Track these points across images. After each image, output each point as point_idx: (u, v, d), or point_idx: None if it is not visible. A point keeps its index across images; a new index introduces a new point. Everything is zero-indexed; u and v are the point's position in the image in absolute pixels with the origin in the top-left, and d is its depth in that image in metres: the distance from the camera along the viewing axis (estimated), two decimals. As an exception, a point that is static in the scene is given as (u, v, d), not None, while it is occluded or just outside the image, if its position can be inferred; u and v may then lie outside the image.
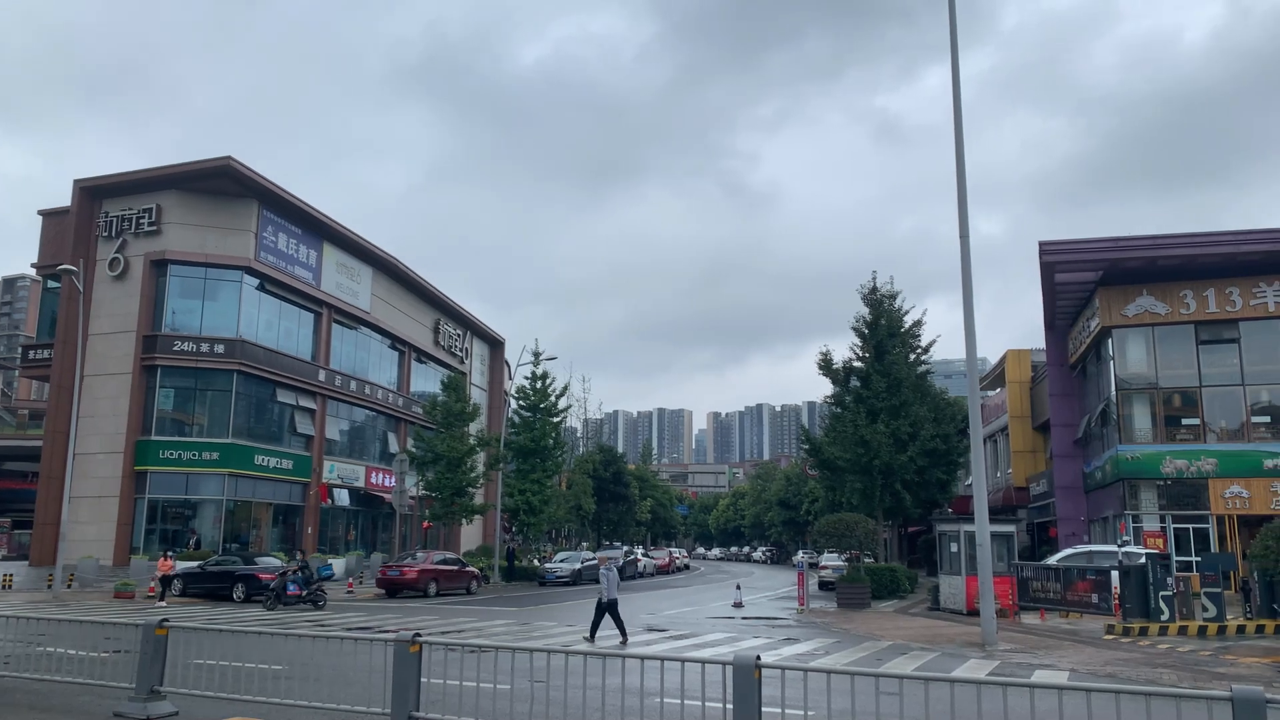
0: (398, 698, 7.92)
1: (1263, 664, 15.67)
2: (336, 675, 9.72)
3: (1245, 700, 5.60)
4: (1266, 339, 33.90)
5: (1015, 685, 7.04)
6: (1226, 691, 5.73)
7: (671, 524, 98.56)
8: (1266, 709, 5.59)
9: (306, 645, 9.43)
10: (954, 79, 20.04)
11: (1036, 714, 6.56)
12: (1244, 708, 5.58)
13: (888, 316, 39.84)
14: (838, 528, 29.30)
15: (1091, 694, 6.38)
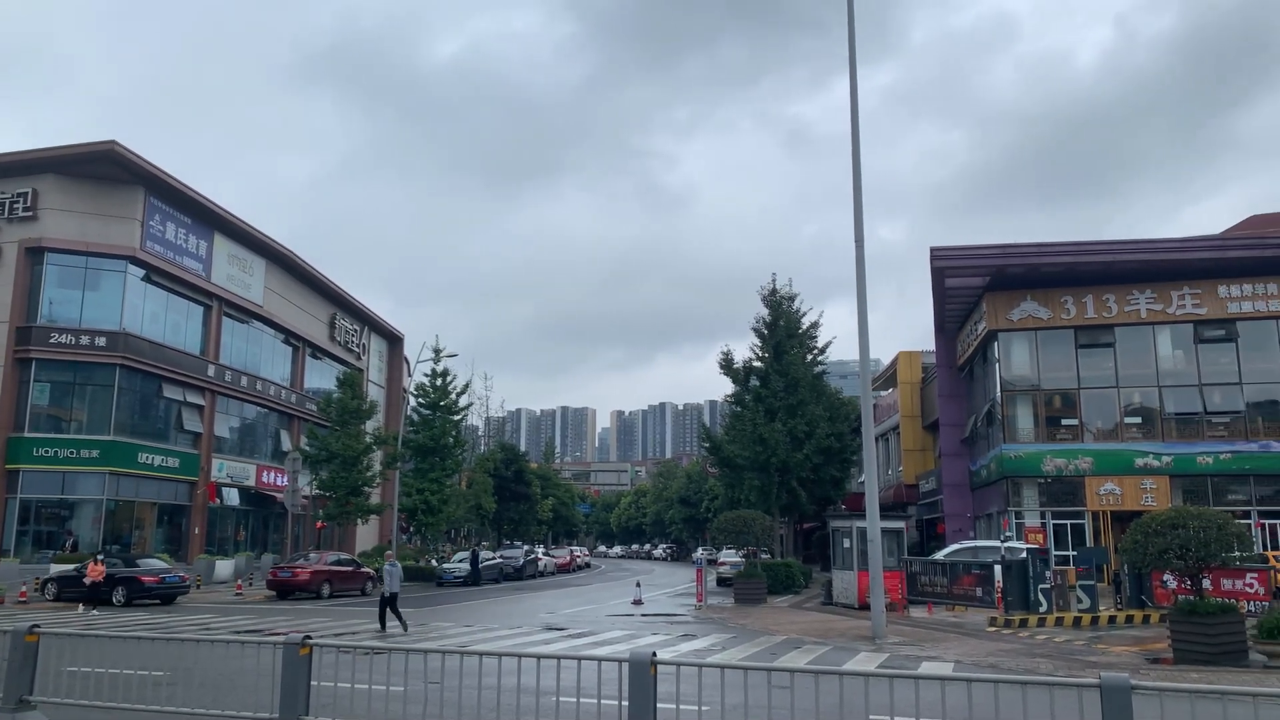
0: (286, 701, 7.71)
1: (1131, 652, 16.55)
2: (222, 680, 9.41)
3: (1112, 687, 5.92)
4: (1139, 344, 35.81)
5: (901, 677, 7.29)
6: (1095, 679, 6.04)
7: (573, 523, 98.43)
8: (1131, 695, 5.92)
9: (190, 650, 9.11)
10: (852, 89, 20.56)
11: (921, 705, 6.79)
12: (1111, 694, 5.91)
13: (786, 318, 40.69)
14: (736, 525, 29.73)
15: (972, 684, 6.64)
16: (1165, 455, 34.41)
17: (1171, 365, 35.56)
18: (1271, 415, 34.32)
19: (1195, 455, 34.19)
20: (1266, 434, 34.06)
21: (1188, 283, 35.13)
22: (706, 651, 16.67)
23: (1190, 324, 35.25)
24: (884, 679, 7.24)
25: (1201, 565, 15.55)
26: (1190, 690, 7.09)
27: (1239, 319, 34.77)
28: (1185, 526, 15.19)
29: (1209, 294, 34.95)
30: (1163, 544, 15.34)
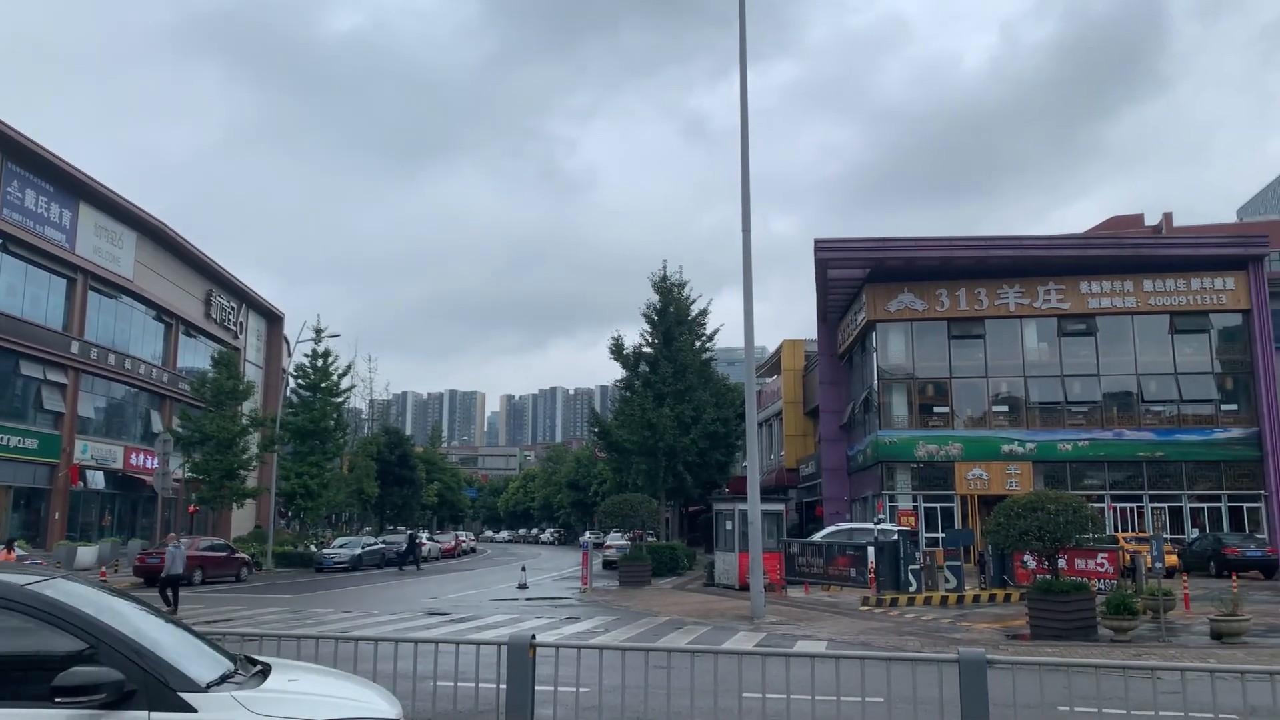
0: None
1: (992, 629, 17.45)
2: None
3: (969, 661, 6.27)
4: (1007, 336, 37.60)
5: (774, 655, 7.54)
6: (955, 655, 6.38)
7: (459, 507, 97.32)
8: (987, 669, 6.28)
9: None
10: (742, 82, 20.89)
11: (793, 681, 7.04)
12: (968, 668, 6.25)
13: (677, 305, 41.11)
14: (623, 508, 29.97)
15: (840, 661, 6.92)
16: (1029, 442, 36.28)
17: (1036, 357, 37.48)
18: (1125, 406, 36.57)
19: (1056, 442, 36.17)
20: (1120, 423, 36.29)
21: (1053, 279, 37.03)
22: (589, 634, 16.80)
23: (1054, 318, 37.20)
24: (758, 657, 7.48)
25: (1058, 546, 16.50)
26: (1039, 663, 7.56)
27: (1098, 314, 36.88)
28: (1044, 510, 16.08)
29: (1072, 290, 36.92)
30: (1023, 526, 16.20)
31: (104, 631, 4.01)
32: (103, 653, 3.90)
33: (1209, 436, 35.61)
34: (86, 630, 3.98)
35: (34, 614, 3.98)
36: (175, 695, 3.90)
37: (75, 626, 3.98)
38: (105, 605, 4.35)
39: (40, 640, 4.02)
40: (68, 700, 3.71)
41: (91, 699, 3.72)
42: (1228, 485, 35.31)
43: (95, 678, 3.74)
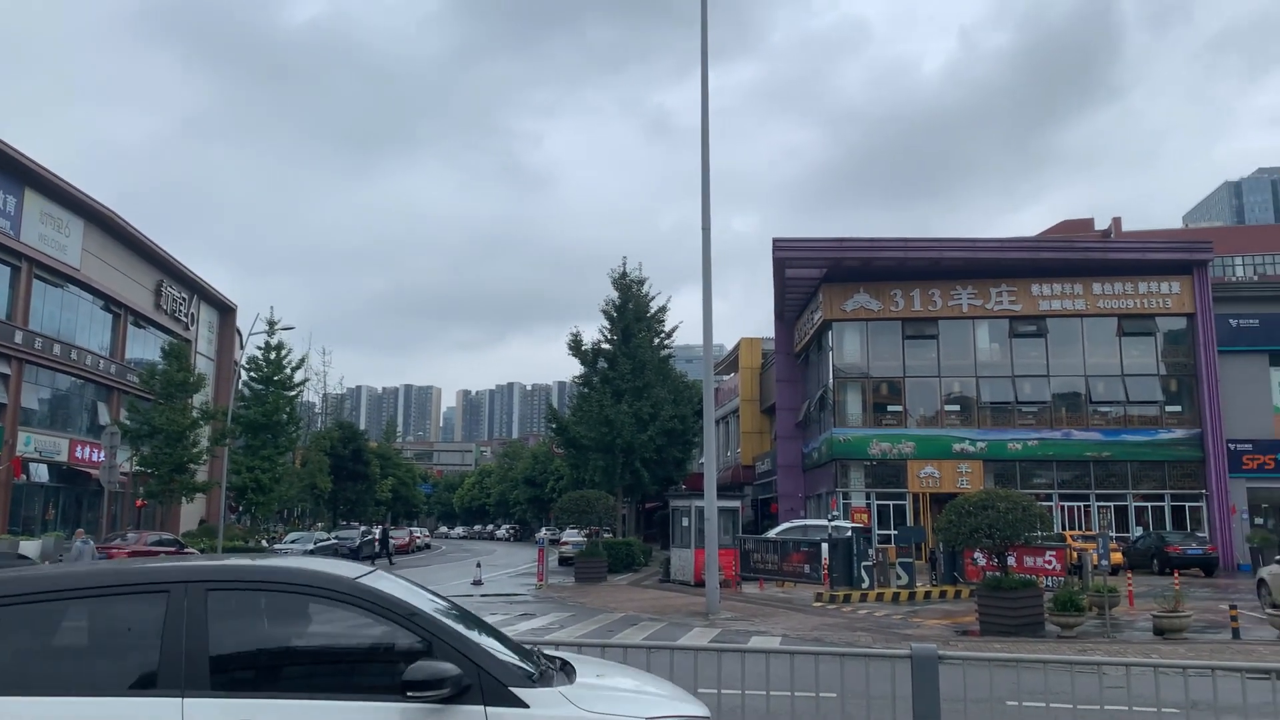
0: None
1: (943, 625, 17.71)
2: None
3: (922, 657, 6.36)
4: (959, 336, 38.15)
5: (729, 651, 7.58)
6: (907, 651, 6.47)
7: (414, 503, 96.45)
8: (939, 664, 6.38)
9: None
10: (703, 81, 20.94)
11: (747, 677, 7.08)
12: (920, 664, 6.34)
13: (636, 301, 41.15)
14: (579, 504, 29.94)
15: (795, 656, 6.98)
16: (980, 441, 36.86)
17: (988, 357, 38.07)
18: (1074, 406, 37.29)
19: (1006, 441, 36.78)
20: (1069, 423, 37.00)
21: (1005, 281, 37.63)
22: (544, 630, 16.77)
23: (1006, 319, 37.81)
24: (713, 653, 7.52)
25: (1007, 544, 16.80)
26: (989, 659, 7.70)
27: (1049, 316, 37.55)
28: (994, 508, 16.36)
29: (1023, 292, 37.55)
30: (974, 524, 16.47)
31: (437, 626, 4.03)
32: (437, 647, 3.91)
33: (1153, 437, 36.45)
34: (421, 624, 4.00)
35: (371, 608, 4.00)
36: (508, 691, 3.89)
37: (410, 621, 4.00)
38: (424, 599, 4.38)
39: (377, 634, 4.06)
40: (418, 694, 3.73)
41: (437, 693, 3.74)
42: (1171, 485, 36.17)
43: (440, 672, 3.75)
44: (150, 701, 3.70)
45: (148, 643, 3.84)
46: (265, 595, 4.11)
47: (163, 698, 3.70)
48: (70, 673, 3.86)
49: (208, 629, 3.85)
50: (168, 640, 3.81)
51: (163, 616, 3.85)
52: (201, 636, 3.82)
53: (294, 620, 4.15)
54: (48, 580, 4.09)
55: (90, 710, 3.67)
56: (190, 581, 3.97)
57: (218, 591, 3.98)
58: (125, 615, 3.97)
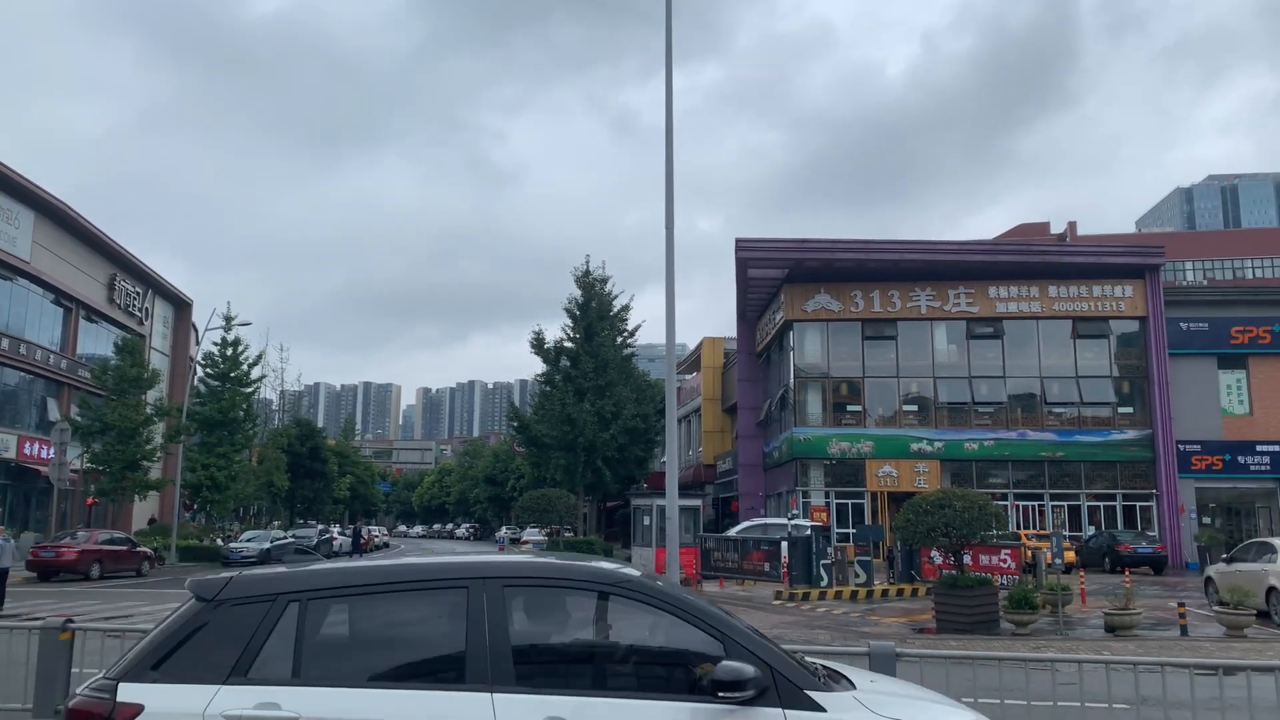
0: (42, 691, 7.14)
1: (900, 623, 17.90)
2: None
3: (880, 655, 6.44)
4: (918, 337, 38.58)
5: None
6: (865, 648, 6.53)
7: (372, 501, 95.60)
8: (896, 661, 6.45)
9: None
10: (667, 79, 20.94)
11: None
12: (879, 661, 6.42)
13: (599, 300, 41.13)
14: (540, 503, 29.88)
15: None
16: (937, 441, 37.31)
17: (946, 359, 38.55)
18: (1029, 407, 37.88)
19: (963, 441, 37.27)
20: (1024, 424, 37.58)
21: (963, 283, 38.13)
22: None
23: (964, 321, 38.31)
24: (673, 651, 7.50)
25: (963, 542, 17.03)
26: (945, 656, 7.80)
27: (1005, 318, 38.10)
28: (950, 507, 16.57)
29: (981, 294, 38.07)
30: (931, 523, 16.67)
31: (729, 626, 3.99)
32: (730, 648, 3.88)
33: (1106, 438, 37.13)
34: (715, 625, 3.97)
35: (667, 608, 4.02)
36: (804, 694, 3.85)
37: (704, 621, 3.98)
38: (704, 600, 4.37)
39: (672, 634, 4.06)
40: (728, 695, 3.72)
41: (742, 694, 3.72)
42: (1122, 485, 36.88)
43: (744, 673, 3.72)
44: (462, 696, 3.77)
45: (452, 638, 3.94)
46: (561, 593, 4.19)
47: (473, 692, 3.77)
48: (380, 665, 3.95)
49: (508, 625, 3.92)
50: (471, 636, 3.88)
51: (464, 612, 3.94)
52: (503, 633, 3.89)
53: (589, 618, 4.21)
54: (351, 575, 4.20)
55: (406, 703, 3.75)
56: (488, 578, 4.04)
57: (515, 588, 4.05)
58: (427, 610, 4.09)
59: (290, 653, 3.87)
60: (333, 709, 3.72)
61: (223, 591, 4.00)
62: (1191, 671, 6.80)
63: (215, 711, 3.69)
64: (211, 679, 3.78)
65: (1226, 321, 37.04)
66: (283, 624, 3.91)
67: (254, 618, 3.92)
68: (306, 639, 3.91)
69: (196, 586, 4.07)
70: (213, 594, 3.99)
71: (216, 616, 3.94)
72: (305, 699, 3.73)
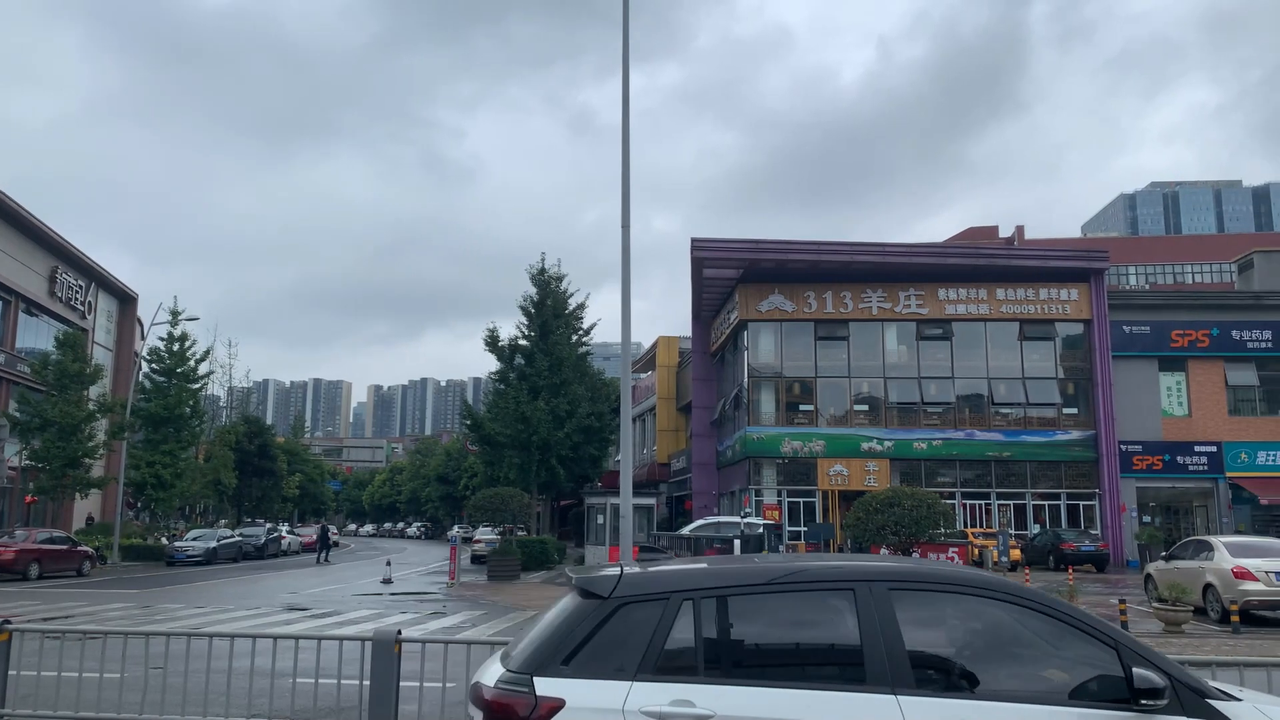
0: (-21, 695, 6.96)
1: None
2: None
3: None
4: (869, 338, 39.04)
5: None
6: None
7: (322, 500, 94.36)
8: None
9: None
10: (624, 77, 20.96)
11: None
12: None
13: (554, 298, 40.98)
14: (493, 502, 29.71)
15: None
16: (887, 440, 37.80)
17: (896, 359, 39.05)
18: (977, 407, 38.52)
19: (912, 441, 37.80)
20: (972, 424, 38.21)
21: (913, 285, 38.65)
22: (456, 629, 16.60)
23: (914, 322, 38.84)
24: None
25: (912, 540, 17.30)
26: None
27: (954, 320, 38.70)
28: (900, 505, 16.84)
29: (930, 296, 38.63)
30: (881, 521, 16.92)
31: (1122, 635, 3.96)
32: (1126, 656, 3.85)
33: (1051, 438, 37.89)
34: (1107, 634, 3.95)
35: (1055, 615, 4.02)
36: (1207, 704, 3.81)
37: (1096, 630, 3.97)
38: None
39: (1061, 641, 4.03)
40: (1149, 703, 3.74)
41: (1159, 702, 3.72)
42: (1067, 484, 37.66)
43: (1158, 681, 3.72)
44: (868, 697, 3.78)
45: (846, 639, 3.97)
46: (946, 596, 4.16)
47: (878, 694, 3.78)
48: (778, 664, 4.07)
49: (899, 628, 3.92)
50: (866, 637, 3.90)
51: (853, 614, 3.97)
52: (895, 635, 3.90)
53: (976, 623, 4.16)
54: (740, 575, 4.26)
55: (815, 702, 3.78)
56: (874, 580, 4.07)
57: (900, 591, 4.05)
58: (815, 611, 4.13)
59: (691, 651, 3.95)
60: (744, 707, 3.76)
61: (616, 590, 4.07)
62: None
63: (633, 707, 3.77)
64: (621, 675, 3.86)
65: (1167, 325, 37.99)
66: (680, 622, 3.97)
67: (651, 615, 3.99)
68: (704, 637, 3.98)
69: (588, 584, 4.15)
70: (607, 592, 4.06)
71: (614, 614, 4.01)
72: (716, 696, 3.79)
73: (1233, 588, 16.94)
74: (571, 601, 4.20)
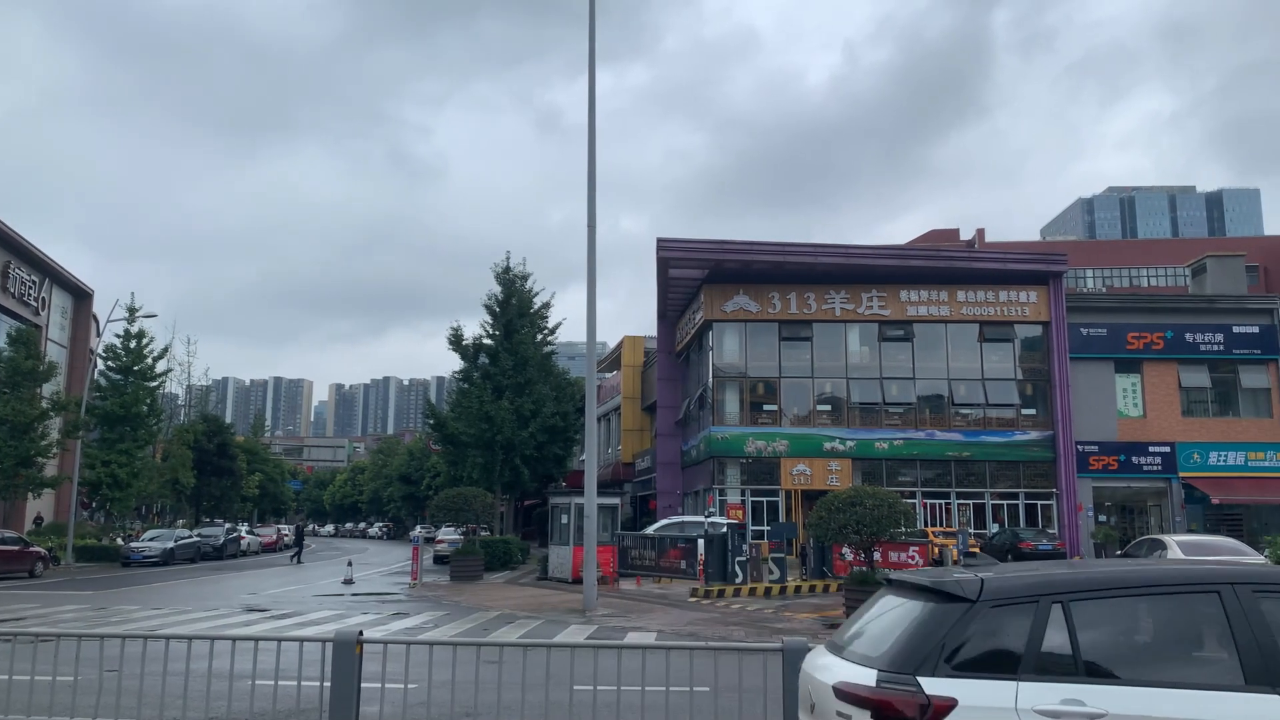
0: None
1: (812, 619, 18.24)
2: None
3: (792, 650, 6.55)
4: (832, 339, 39.32)
5: (605, 647, 7.62)
6: (779, 644, 6.64)
7: (282, 500, 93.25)
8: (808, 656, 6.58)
9: None
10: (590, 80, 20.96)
11: (624, 673, 7.14)
12: (791, 657, 6.52)
13: (519, 296, 40.84)
14: (456, 502, 29.53)
15: (670, 652, 7.07)
16: (849, 440, 38.10)
17: (858, 360, 39.37)
18: (937, 408, 38.95)
19: (874, 441, 38.13)
20: (932, 424, 38.62)
21: (876, 286, 38.98)
22: (418, 629, 16.49)
23: (876, 323, 39.18)
24: (590, 650, 7.54)
25: (873, 540, 17.43)
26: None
27: (916, 321, 39.09)
28: (861, 505, 16.96)
29: (892, 297, 38.99)
30: (843, 520, 17.03)
31: None
32: None
33: (1010, 438, 38.40)
34: None
35: None
36: None
37: None
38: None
39: None
40: None
41: None
42: (1025, 484, 38.19)
43: None
44: (1256, 698, 3.87)
45: (1219, 641, 4.08)
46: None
47: (1264, 694, 3.87)
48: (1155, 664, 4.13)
49: (1272, 630, 4.02)
50: (1239, 639, 4.00)
51: (1222, 616, 4.08)
52: (1269, 636, 4.00)
53: None
54: (1104, 578, 4.42)
55: (1204, 704, 3.84)
56: (1238, 584, 4.20)
57: (1264, 595, 4.17)
58: (1181, 613, 4.25)
59: (1067, 651, 4.05)
60: (1134, 706, 3.82)
61: (983, 593, 4.19)
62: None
63: (1026, 706, 3.85)
64: (1006, 675, 3.97)
65: (1123, 327, 38.66)
66: (1052, 623, 4.08)
67: (1022, 617, 4.11)
68: (1078, 638, 4.06)
69: (954, 587, 4.25)
70: (974, 595, 4.18)
71: (984, 615, 4.13)
72: (1105, 696, 3.86)
73: (1185, 585, 17.27)
74: (916, 603, 4.36)
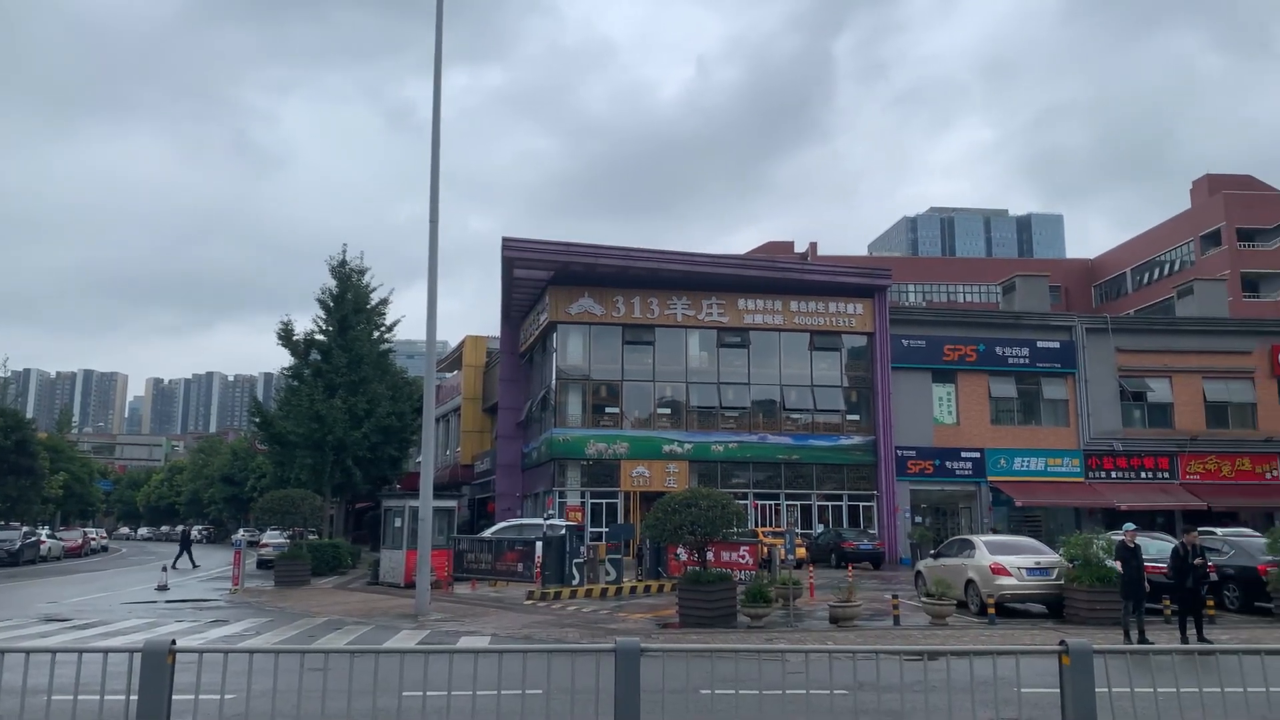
0: None
1: (646, 619, 18.49)
2: None
3: (625, 651, 6.62)
4: (673, 344, 40.03)
5: (436, 652, 7.48)
6: (612, 645, 6.70)
7: (91, 501, 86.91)
8: (641, 657, 6.67)
9: None
10: (435, 73, 20.59)
11: (456, 678, 7.03)
12: (624, 657, 6.60)
13: (355, 291, 39.57)
14: (282, 504, 28.31)
15: (503, 655, 7.02)
16: (687, 443, 38.88)
17: (698, 365, 40.24)
18: (770, 413, 40.28)
19: (711, 444, 39.07)
20: (765, 428, 39.91)
21: (716, 294, 39.97)
22: (238, 637, 15.71)
23: (715, 330, 40.16)
24: (420, 655, 7.39)
25: (707, 540, 17.85)
26: (687, 650, 8.15)
27: (752, 329, 40.31)
28: (697, 505, 17.33)
29: (731, 305, 40.07)
30: (678, 521, 17.36)
31: None
32: None
33: (836, 443, 40.15)
34: None
35: None
36: None
37: None
38: None
39: None
40: None
41: None
42: (849, 486, 40.02)
43: None
44: None
45: None
46: None
47: None
48: None
49: None
50: None
51: None
52: None
53: None
54: None
55: None
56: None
57: None
58: None
59: None
60: None
61: None
62: (901, 659, 7.51)
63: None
64: None
65: (940, 340, 41.11)
66: None
67: None
68: None
69: None
70: None
71: None
72: None
73: (990, 582, 18.55)
74: None
